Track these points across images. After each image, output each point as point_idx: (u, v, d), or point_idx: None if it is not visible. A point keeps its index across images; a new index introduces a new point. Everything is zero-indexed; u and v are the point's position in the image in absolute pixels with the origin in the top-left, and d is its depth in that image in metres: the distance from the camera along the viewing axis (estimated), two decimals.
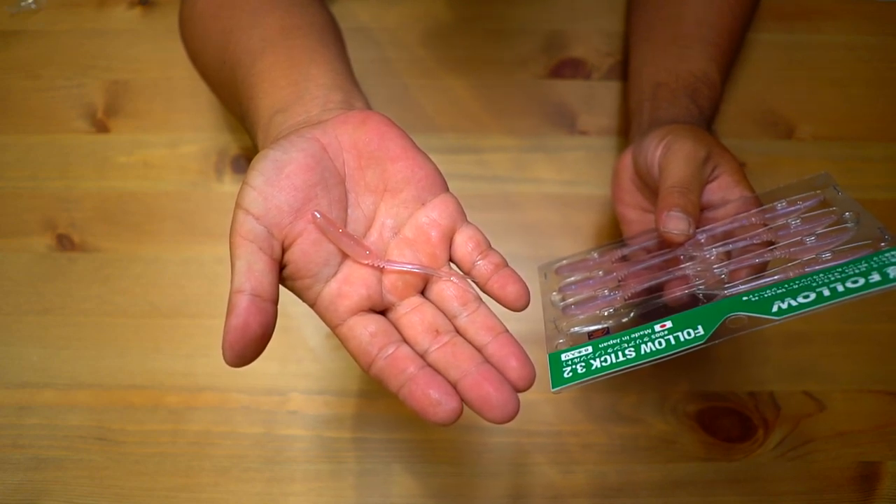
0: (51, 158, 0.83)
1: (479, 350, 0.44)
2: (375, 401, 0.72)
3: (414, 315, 0.45)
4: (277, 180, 0.43)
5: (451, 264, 0.48)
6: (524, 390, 0.42)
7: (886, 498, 0.69)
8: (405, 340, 0.44)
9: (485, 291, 0.46)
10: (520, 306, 0.45)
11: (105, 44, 0.88)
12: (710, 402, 0.73)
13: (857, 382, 0.74)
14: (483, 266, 0.46)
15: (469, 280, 0.47)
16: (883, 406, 0.73)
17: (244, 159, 0.82)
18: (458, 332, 0.45)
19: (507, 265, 0.46)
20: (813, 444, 0.71)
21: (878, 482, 0.70)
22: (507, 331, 0.45)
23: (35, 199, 0.81)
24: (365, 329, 0.43)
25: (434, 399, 0.40)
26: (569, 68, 0.87)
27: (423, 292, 0.47)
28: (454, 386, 0.41)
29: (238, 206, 0.43)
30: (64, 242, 0.78)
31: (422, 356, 0.43)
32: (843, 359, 0.75)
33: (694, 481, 0.70)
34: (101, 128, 0.84)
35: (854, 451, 0.71)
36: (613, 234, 0.78)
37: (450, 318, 0.46)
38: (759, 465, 0.70)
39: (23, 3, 0.89)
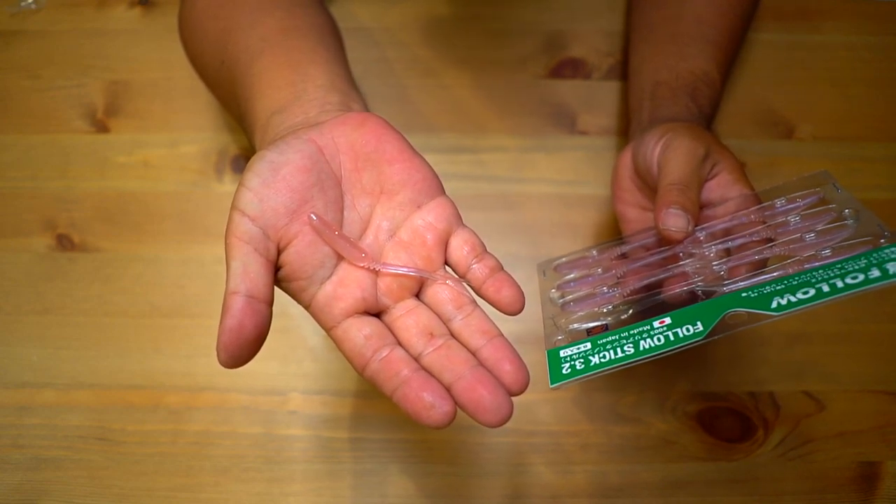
0: (51, 158, 0.83)
1: (473, 353, 0.44)
2: (374, 401, 0.72)
3: (408, 318, 0.45)
4: (273, 182, 0.43)
5: (447, 267, 0.48)
6: (518, 394, 0.42)
7: (886, 498, 0.69)
8: (399, 343, 0.44)
9: (480, 295, 0.46)
10: (514, 310, 0.45)
11: (105, 44, 0.88)
12: (710, 402, 0.72)
13: (858, 382, 0.74)
14: (478, 269, 0.46)
15: (464, 283, 0.47)
16: (883, 406, 0.73)
17: (244, 159, 0.82)
18: (452, 335, 0.45)
19: (502, 269, 0.47)
20: (813, 444, 0.71)
21: (878, 482, 0.70)
22: (501, 334, 0.45)
23: (35, 199, 0.81)
24: (359, 331, 0.44)
25: (428, 402, 0.40)
26: (569, 68, 0.87)
27: (417, 295, 0.47)
28: (448, 389, 0.41)
29: (234, 207, 0.43)
30: (64, 242, 0.79)
31: (416, 359, 0.43)
32: (843, 359, 0.74)
33: (694, 481, 0.69)
34: (101, 128, 0.84)
35: (854, 451, 0.71)
36: (612, 234, 0.78)
37: (444, 321, 0.46)
38: (759, 465, 0.70)
39: (23, 3, 0.89)
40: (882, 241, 0.46)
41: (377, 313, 0.46)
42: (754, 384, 0.73)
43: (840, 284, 0.43)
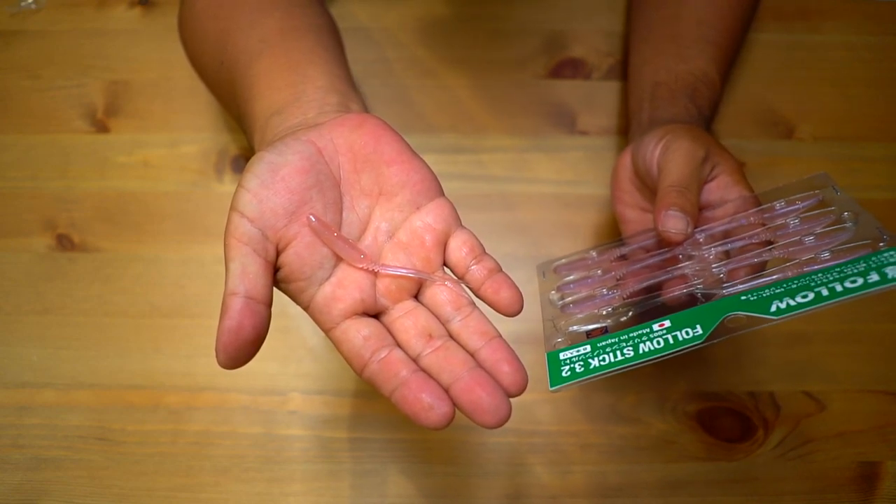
0: (51, 158, 0.83)
1: (471, 355, 0.44)
2: (374, 401, 0.72)
3: (407, 319, 0.45)
4: (272, 183, 0.43)
5: (445, 269, 0.48)
6: (516, 395, 0.42)
7: (886, 498, 0.69)
8: (398, 344, 0.45)
9: (478, 296, 0.46)
10: (513, 312, 0.45)
11: (105, 44, 0.88)
12: (709, 402, 0.72)
13: (857, 382, 0.73)
14: (477, 271, 0.46)
15: (463, 284, 0.47)
16: (883, 406, 0.73)
17: (244, 159, 0.82)
18: (451, 336, 0.45)
19: (500, 270, 0.47)
20: (813, 444, 0.71)
21: (878, 482, 0.70)
22: (499, 336, 0.45)
23: (35, 199, 0.81)
24: (358, 332, 0.44)
25: (426, 403, 0.40)
26: (569, 68, 0.87)
27: (416, 296, 0.47)
28: (446, 390, 0.41)
29: (233, 208, 0.43)
30: (64, 242, 0.79)
31: (414, 360, 0.43)
32: (843, 359, 0.74)
33: (694, 481, 0.69)
34: (101, 128, 0.84)
35: (854, 451, 0.71)
36: (612, 234, 0.78)
37: (443, 322, 0.46)
38: (759, 465, 0.70)
39: (23, 3, 0.89)
40: (881, 244, 0.46)
41: (376, 314, 0.46)
42: (754, 384, 0.73)
43: (839, 288, 0.43)
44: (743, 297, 0.47)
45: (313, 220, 0.44)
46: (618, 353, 0.47)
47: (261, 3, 0.63)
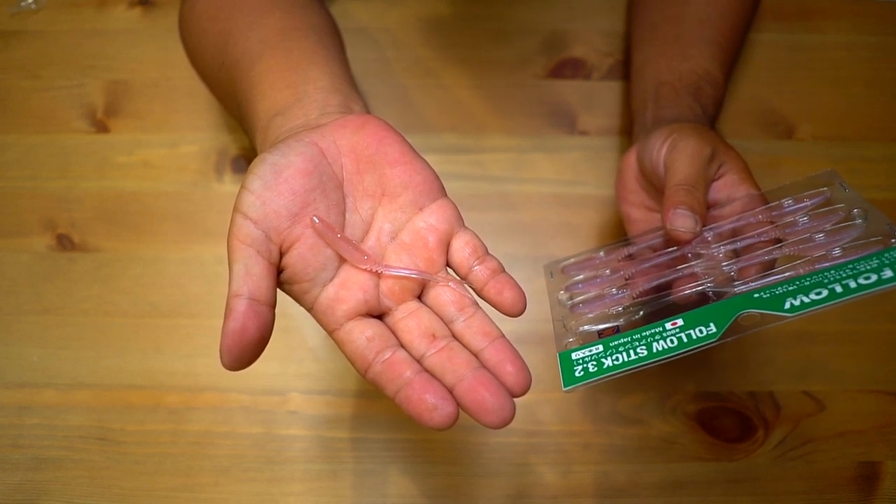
0: (51, 158, 0.83)
1: (475, 355, 0.44)
2: (375, 401, 0.72)
3: (411, 320, 0.45)
4: (275, 184, 0.43)
5: (448, 269, 0.48)
6: (520, 395, 0.42)
7: (886, 498, 0.69)
8: (402, 345, 0.45)
9: (481, 297, 0.46)
10: (516, 312, 0.45)
11: (105, 44, 0.88)
12: (710, 402, 0.72)
13: (858, 382, 0.73)
14: (480, 271, 0.46)
15: (466, 285, 0.47)
16: (883, 406, 0.73)
17: (244, 159, 0.82)
18: (454, 336, 0.45)
19: (503, 270, 0.47)
20: (813, 444, 0.71)
21: (878, 482, 0.70)
22: (503, 336, 0.45)
23: (35, 199, 0.81)
24: (362, 333, 0.44)
25: (430, 404, 0.40)
26: (569, 68, 0.87)
27: (420, 297, 0.47)
28: (450, 391, 0.41)
29: (236, 210, 0.43)
30: (64, 242, 0.78)
31: (418, 361, 0.43)
32: (843, 359, 0.74)
33: (694, 481, 0.69)
34: (101, 128, 0.84)
35: (854, 451, 0.71)
36: (613, 234, 0.78)
37: (446, 322, 0.46)
38: (760, 465, 0.70)
39: (23, 3, 0.89)
40: (893, 240, 0.45)
41: (379, 315, 0.46)
42: (754, 384, 0.73)
43: (853, 285, 0.43)
44: (756, 295, 0.47)
45: (316, 221, 0.44)
46: (631, 352, 0.47)
47: (261, 3, 0.62)
